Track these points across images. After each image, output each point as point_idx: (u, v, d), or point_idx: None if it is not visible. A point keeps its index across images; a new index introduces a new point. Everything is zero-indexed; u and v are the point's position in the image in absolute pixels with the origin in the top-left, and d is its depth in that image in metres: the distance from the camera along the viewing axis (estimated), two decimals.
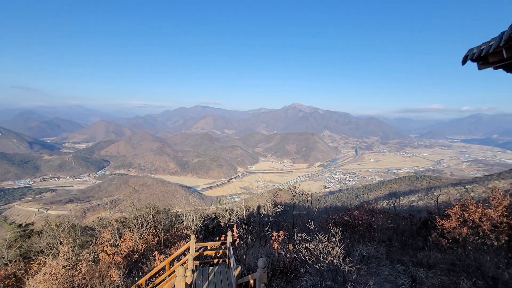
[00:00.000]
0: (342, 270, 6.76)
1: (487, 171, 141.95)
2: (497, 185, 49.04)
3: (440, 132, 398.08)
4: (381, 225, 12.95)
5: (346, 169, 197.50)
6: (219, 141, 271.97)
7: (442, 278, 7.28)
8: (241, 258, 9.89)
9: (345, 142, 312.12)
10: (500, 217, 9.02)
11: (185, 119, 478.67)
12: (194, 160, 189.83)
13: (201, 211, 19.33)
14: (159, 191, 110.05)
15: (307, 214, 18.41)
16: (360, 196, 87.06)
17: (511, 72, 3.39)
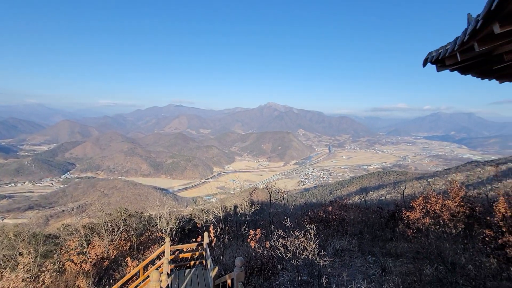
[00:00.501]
0: (317, 264, 6.97)
1: (446, 165, 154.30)
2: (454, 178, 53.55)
3: (405, 129, 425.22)
4: (353, 219, 13.55)
5: (320, 166, 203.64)
6: (194, 141, 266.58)
7: (408, 266, 7.79)
8: (219, 258, 9.80)
9: (319, 140, 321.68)
10: (457, 207, 9.85)
11: (158, 119, 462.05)
12: (168, 161, 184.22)
13: (176, 213, 18.82)
14: (131, 194, 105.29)
15: (283, 211, 18.72)
16: (334, 192, 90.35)
17: (465, 74, 3.70)
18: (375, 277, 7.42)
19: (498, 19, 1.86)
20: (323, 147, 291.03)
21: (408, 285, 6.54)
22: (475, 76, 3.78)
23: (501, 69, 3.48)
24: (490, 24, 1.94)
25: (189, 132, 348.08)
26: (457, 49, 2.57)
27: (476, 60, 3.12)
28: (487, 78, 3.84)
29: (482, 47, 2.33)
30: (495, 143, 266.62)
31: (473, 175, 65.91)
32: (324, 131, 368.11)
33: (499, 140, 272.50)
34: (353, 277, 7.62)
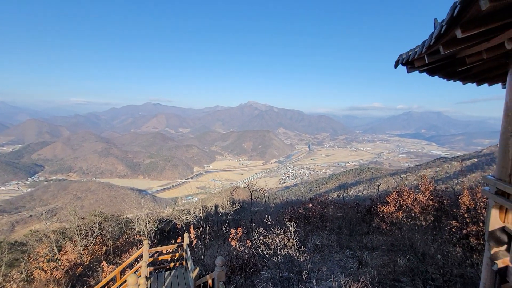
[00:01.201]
0: (298, 260, 7.10)
1: (417, 161, 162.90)
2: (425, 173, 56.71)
3: (380, 128, 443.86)
4: (332, 215, 13.93)
5: (300, 164, 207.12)
6: (173, 140, 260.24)
7: (383, 258, 8.16)
8: (199, 259, 9.69)
9: (299, 138, 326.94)
10: (427, 200, 10.45)
11: (135, 118, 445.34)
12: (146, 161, 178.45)
13: (155, 214, 18.33)
14: (106, 196, 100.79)
15: (264, 209, 18.85)
16: (314, 189, 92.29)
17: (433, 75, 3.93)
18: (353, 270, 7.70)
19: (460, 25, 2.00)
20: (303, 146, 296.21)
21: (383, 276, 6.85)
22: (442, 77, 4.02)
23: (464, 71, 3.74)
24: (453, 29, 2.07)
25: (168, 131, 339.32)
26: (425, 52, 2.72)
27: (442, 62, 3.32)
28: (452, 79, 4.10)
29: (447, 51, 2.49)
30: (460, 140, 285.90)
31: (441, 171, 70.31)
32: (304, 130, 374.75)
33: (464, 138, 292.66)
34: (332, 271, 7.85)
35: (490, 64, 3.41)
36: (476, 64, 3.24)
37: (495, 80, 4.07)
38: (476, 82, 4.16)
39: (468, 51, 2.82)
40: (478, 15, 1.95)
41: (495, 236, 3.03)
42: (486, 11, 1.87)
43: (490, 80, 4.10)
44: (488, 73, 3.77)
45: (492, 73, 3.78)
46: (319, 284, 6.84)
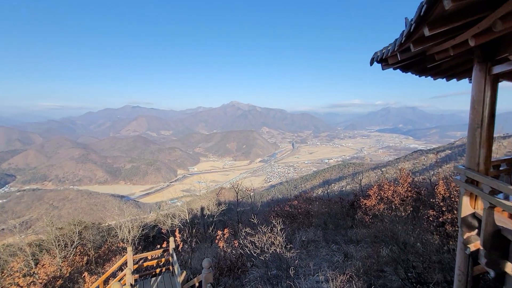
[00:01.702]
0: (285, 258, 7.18)
1: (396, 155, 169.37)
2: (403, 166, 59.02)
3: (360, 124, 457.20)
4: (317, 211, 14.20)
5: (285, 162, 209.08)
6: (155, 143, 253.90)
7: (367, 250, 8.43)
8: (186, 262, 9.54)
9: (283, 137, 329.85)
10: (406, 192, 10.91)
11: (113, 121, 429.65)
12: (127, 166, 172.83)
13: (139, 220, 17.82)
14: (86, 204, 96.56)
15: (251, 209, 18.86)
16: (299, 186, 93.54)
17: (406, 72, 4.11)
18: (339, 264, 7.89)
19: (427, 23, 2.11)
20: (287, 144, 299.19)
21: (367, 267, 7.07)
22: (414, 73, 4.22)
23: (434, 68, 3.94)
24: (421, 28, 2.18)
25: (149, 135, 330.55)
26: (397, 50, 2.84)
27: (414, 59, 3.49)
28: (424, 75, 4.31)
29: (417, 48, 2.62)
30: (435, 133, 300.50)
31: (418, 163, 73.54)
32: (287, 128, 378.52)
33: (438, 131, 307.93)
34: (319, 265, 8.00)
35: (457, 60, 3.62)
36: (444, 60, 3.43)
37: (463, 75, 4.33)
38: (446, 77, 4.40)
39: (436, 48, 2.98)
40: (443, 14, 2.06)
41: (467, 221, 3.23)
42: (450, 10, 1.98)
43: (458, 76, 4.35)
44: (456, 68, 4.00)
45: (459, 69, 4.01)
46: (307, 279, 6.96)
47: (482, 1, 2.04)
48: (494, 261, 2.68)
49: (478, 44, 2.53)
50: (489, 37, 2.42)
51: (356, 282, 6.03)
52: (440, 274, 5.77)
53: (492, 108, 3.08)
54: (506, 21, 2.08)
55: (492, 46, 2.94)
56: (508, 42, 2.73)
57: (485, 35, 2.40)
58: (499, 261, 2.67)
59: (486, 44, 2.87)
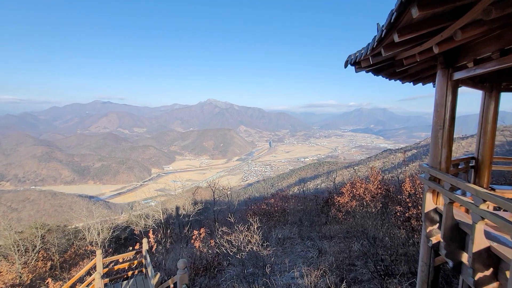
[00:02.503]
0: (262, 255, 7.24)
1: (368, 154, 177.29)
2: (374, 164, 62.07)
3: (335, 123, 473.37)
4: (293, 208, 14.47)
5: (262, 161, 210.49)
6: (127, 141, 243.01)
7: (340, 245, 8.75)
8: (161, 264, 9.27)
9: (260, 136, 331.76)
10: (376, 189, 11.48)
11: (81, 117, 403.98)
12: (96, 165, 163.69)
13: (109, 221, 17.00)
14: (50, 206, 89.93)
15: (228, 208, 18.77)
16: (275, 185, 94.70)
17: (377, 75, 4.32)
18: (313, 259, 8.11)
19: (397, 30, 2.23)
20: (264, 142, 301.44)
21: (340, 262, 7.34)
22: (385, 77, 4.44)
23: (403, 72, 4.18)
24: (391, 34, 2.31)
25: (121, 132, 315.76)
26: (369, 54, 2.97)
27: (384, 63, 3.67)
28: (394, 78, 4.56)
29: (387, 53, 2.76)
30: (403, 134, 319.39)
31: (388, 162, 77.69)
32: (264, 127, 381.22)
33: (406, 131, 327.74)
34: (295, 262, 8.17)
35: (423, 65, 3.87)
36: (412, 65, 3.65)
37: (428, 80, 4.64)
38: (413, 81, 4.69)
39: (405, 53, 3.16)
40: (411, 22, 2.19)
41: (430, 216, 3.47)
42: (417, 19, 2.11)
43: (423, 80, 4.65)
44: (422, 73, 4.27)
45: (425, 74, 4.29)
46: (282, 276, 7.07)
47: (445, 12, 2.19)
48: (452, 252, 2.92)
49: (441, 51, 2.72)
50: (450, 45, 2.62)
51: (329, 277, 6.25)
52: (406, 266, 6.16)
53: (453, 111, 3.33)
54: (465, 31, 2.26)
55: (453, 53, 3.18)
56: (467, 51, 2.97)
57: (447, 43, 2.59)
58: (457, 252, 2.91)
59: (448, 51, 3.10)
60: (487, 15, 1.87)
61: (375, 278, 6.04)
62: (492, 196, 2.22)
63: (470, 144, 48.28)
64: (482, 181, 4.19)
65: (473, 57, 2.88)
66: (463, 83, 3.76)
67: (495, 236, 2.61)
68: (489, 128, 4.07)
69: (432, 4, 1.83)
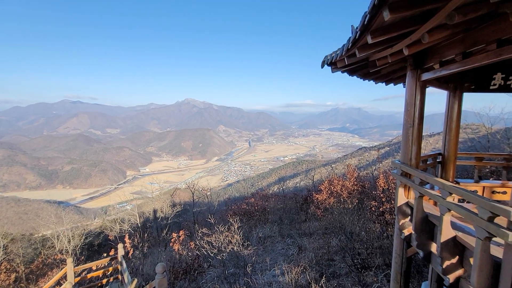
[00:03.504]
0: (243, 255, 7.22)
1: (344, 152, 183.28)
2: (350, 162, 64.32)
3: (312, 123, 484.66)
4: (273, 207, 14.60)
5: (241, 161, 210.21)
6: (100, 142, 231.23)
7: (319, 241, 8.96)
8: (138, 269, 8.95)
9: (239, 135, 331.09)
10: (353, 186, 11.88)
11: (48, 118, 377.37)
12: (65, 168, 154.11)
13: (81, 227, 16.12)
14: (13, 213, 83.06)
15: (207, 209, 18.52)
16: (255, 184, 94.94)
17: (352, 75, 4.46)
18: (294, 256, 8.24)
19: (370, 32, 2.32)
20: (244, 142, 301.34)
21: (319, 257, 7.52)
22: (359, 77, 4.61)
23: (376, 72, 4.36)
24: (365, 35, 2.39)
25: (92, 133, 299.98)
26: (345, 54, 3.06)
27: (359, 64, 3.80)
28: (367, 79, 4.74)
29: (361, 54, 2.86)
30: (376, 132, 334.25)
31: (363, 159, 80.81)
32: (244, 127, 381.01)
33: (379, 130, 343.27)
34: (276, 260, 8.24)
35: (394, 67, 4.06)
36: (384, 66, 3.82)
37: (398, 81, 4.87)
38: (385, 82, 4.91)
39: (377, 55, 3.30)
40: (383, 24, 2.29)
41: (402, 210, 3.65)
42: (388, 22, 2.21)
43: (395, 81, 4.88)
44: (393, 74, 4.48)
45: (396, 74, 4.50)
46: (264, 274, 7.11)
47: (414, 16, 2.31)
48: (423, 243, 3.09)
49: (411, 53, 2.87)
50: (419, 47, 2.77)
51: (309, 273, 6.38)
52: (381, 258, 6.44)
53: (422, 110, 3.53)
54: (432, 35, 2.40)
55: (421, 56, 3.37)
56: (434, 53, 3.16)
57: (416, 45, 2.73)
58: (427, 242, 3.09)
59: (417, 53, 3.28)
60: (451, 19, 2.00)
61: (353, 272, 6.26)
62: (457, 189, 2.39)
63: (437, 141, 51.59)
64: (448, 175, 4.49)
65: (439, 59, 3.07)
66: (430, 83, 4.00)
67: (460, 226, 2.80)
68: (453, 126, 4.36)
69: (402, 7, 1.92)
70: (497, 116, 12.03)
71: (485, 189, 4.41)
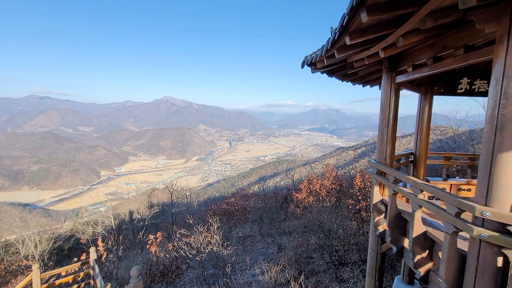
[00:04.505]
0: (222, 255, 7.15)
1: (323, 152, 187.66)
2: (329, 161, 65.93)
3: (293, 123, 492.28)
4: (254, 206, 14.61)
5: (222, 160, 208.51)
6: (71, 141, 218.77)
7: (298, 239, 9.09)
8: (112, 273, 8.57)
9: (220, 135, 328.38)
10: (331, 184, 12.18)
11: (13, 114, 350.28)
12: (32, 168, 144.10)
13: (50, 231, 15.16)
14: None
15: (187, 209, 18.14)
16: (236, 184, 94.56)
17: (331, 76, 4.56)
18: (274, 255, 8.29)
19: (348, 33, 2.37)
20: (224, 142, 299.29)
21: (298, 255, 7.63)
22: (338, 78, 4.72)
23: (353, 74, 4.48)
24: (344, 37, 2.44)
25: (63, 131, 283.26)
26: (324, 55, 3.11)
27: (338, 65, 3.89)
28: (346, 80, 4.86)
29: (340, 55, 2.92)
30: (354, 133, 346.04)
31: (341, 159, 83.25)
32: (224, 126, 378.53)
33: (356, 130, 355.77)
34: (255, 259, 8.24)
35: (371, 69, 4.20)
36: (361, 68, 3.93)
37: (375, 83, 5.05)
38: (362, 83, 5.06)
39: (355, 57, 3.38)
40: (361, 26, 2.35)
41: (377, 207, 3.79)
42: (366, 24, 2.27)
43: (371, 83, 5.05)
44: (370, 76, 4.63)
45: (372, 76, 4.66)
46: (243, 274, 7.08)
47: (390, 20, 2.40)
48: (396, 238, 3.22)
49: (386, 56, 2.97)
50: (394, 50, 2.88)
51: (289, 271, 6.44)
52: (357, 255, 6.65)
53: (396, 112, 3.68)
54: (406, 39, 2.50)
55: (396, 59, 3.51)
56: (407, 57, 3.31)
57: (391, 48, 2.84)
58: (400, 238, 3.23)
59: (392, 56, 3.41)
60: (423, 24, 2.08)
61: (330, 268, 6.41)
62: (428, 186, 2.50)
63: (409, 141, 54.36)
64: (419, 174, 4.73)
65: (412, 62, 3.21)
66: (404, 86, 4.18)
67: (430, 222, 2.95)
68: (424, 127, 4.59)
69: (379, 10, 1.98)
70: (463, 119, 12.94)
71: (452, 186, 4.69)
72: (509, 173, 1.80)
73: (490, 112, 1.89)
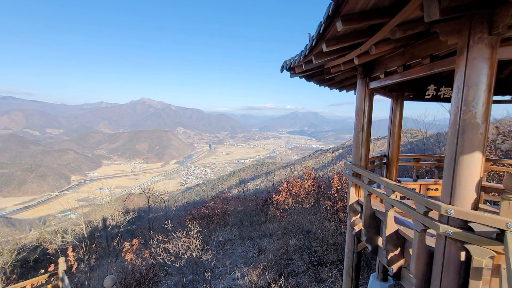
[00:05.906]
0: (202, 261, 7.02)
1: (302, 154, 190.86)
2: (308, 164, 67.21)
3: (272, 126, 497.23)
4: (234, 209, 14.52)
5: (201, 163, 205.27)
6: (38, 144, 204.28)
7: (279, 241, 9.15)
8: (83, 285, 8.10)
9: (199, 138, 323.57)
10: (310, 186, 12.42)
11: None
12: None
13: (13, 241, 14.03)
14: None
15: (165, 214, 17.63)
16: (216, 187, 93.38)
17: (310, 81, 4.68)
18: (254, 258, 8.28)
19: (325, 40, 2.46)
20: (204, 145, 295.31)
21: (278, 258, 7.68)
22: (316, 83, 4.85)
23: (330, 79, 4.64)
24: (321, 44, 2.53)
25: (28, 133, 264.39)
26: (302, 60, 3.20)
27: (315, 70, 4.00)
28: (323, 85, 5.02)
29: (318, 61, 3.01)
30: (331, 135, 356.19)
31: (319, 161, 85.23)
32: (204, 129, 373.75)
33: (334, 133, 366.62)
34: (236, 263, 8.18)
35: (346, 74, 4.37)
36: (338, 74, 4.08)
37: (350, 88, 5.25)
38: (339, 88, 5.25)
39: (332, 63, 3.51)
40: (337, 34, 2.44)
41: (353, 208, 3.93)
42: (341, 32, 2.36)
43: (347, 88, 5.25)
44: (346, 81, 4.82)
45: (348, 82, 4.85)
46: (223, 279, 7.00)
47: (363, 29, 2.52)
48: (371, 237, 3.36)
49: (361, 63, 3.11)
50: (367, 58, 3.02)
51: (269, 273, 6.47)
52: (335, 254, 6.83)
53: (370, 116, 3.86)
54: (378, 47, 2.64)
55: (370, 66, 3.69)
56: (380, 64, 3.48)
57: (365, 56, 2.98)
58: (374, 237, 3.37)
59: (366, 63, 3.58)
60: (393, 34, 2.22)
61: (310, 269, 6.52)
62: (399, 187, 2.65)
63: (382, 144, 56.91)
64: (392, 175, 4.97)
65: (384, 69, 3.39)
66: (377, 91, 4.39)
67: (402, 220, 3.11)
68: (396, 131, 4.85)
69: (353, 20, 2.08)
70: (431, 123, 13.83)
71: (422, 186, 4.99)
72: (470, 173, 1.96)
73: (453, 118, 2.05)
